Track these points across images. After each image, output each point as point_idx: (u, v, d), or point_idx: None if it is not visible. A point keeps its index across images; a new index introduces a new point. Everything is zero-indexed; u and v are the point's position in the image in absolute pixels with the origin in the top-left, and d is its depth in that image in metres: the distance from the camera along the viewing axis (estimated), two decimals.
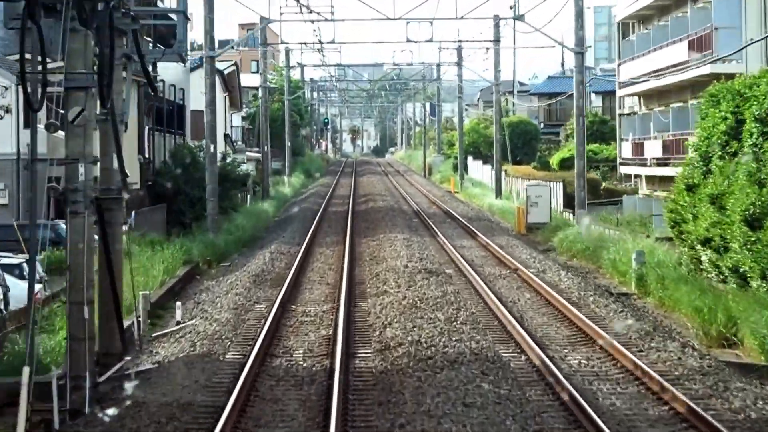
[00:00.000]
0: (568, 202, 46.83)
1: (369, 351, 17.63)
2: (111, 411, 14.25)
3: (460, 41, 63.98)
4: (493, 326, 19.88)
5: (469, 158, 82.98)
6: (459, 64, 76.94)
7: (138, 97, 38.60)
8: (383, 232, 37.50)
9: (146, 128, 40.81)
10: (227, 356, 17.60)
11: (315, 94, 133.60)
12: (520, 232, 41.99)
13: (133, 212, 35.20)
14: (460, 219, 44.67)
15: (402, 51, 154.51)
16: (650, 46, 43.80)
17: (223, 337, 19.06)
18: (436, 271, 26.93)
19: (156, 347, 19.65)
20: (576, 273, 28.05)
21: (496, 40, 57.22)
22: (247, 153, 74.60)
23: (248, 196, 55.01)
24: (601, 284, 27.03)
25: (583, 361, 16.79)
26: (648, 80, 40.25)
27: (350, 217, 44.50)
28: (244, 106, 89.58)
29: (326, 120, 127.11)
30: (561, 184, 50.26)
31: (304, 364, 16.89)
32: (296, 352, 17.91)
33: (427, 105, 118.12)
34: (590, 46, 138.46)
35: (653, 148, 43.95)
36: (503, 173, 69.66)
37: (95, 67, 15.52)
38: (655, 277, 25.21)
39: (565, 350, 17.75)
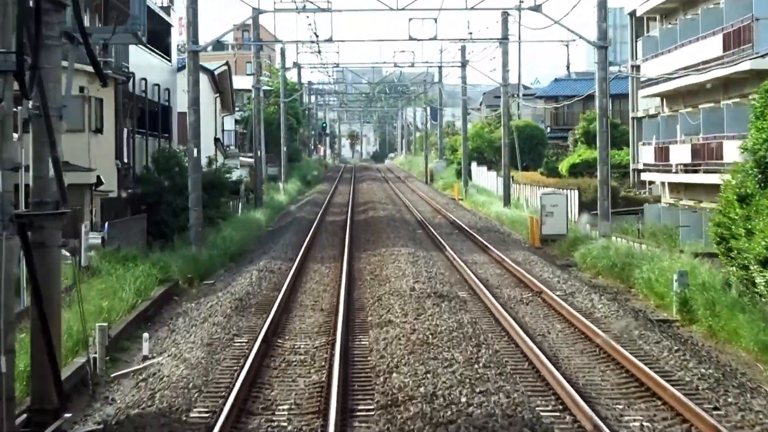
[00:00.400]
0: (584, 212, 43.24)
1: (371, 407, 13.97)
2: None
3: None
4: (524, 371, 16.22)
5: (473, 164, 79.52)
6: (463, 64, 73.45)
7: (116, 97, 34.97)
8: (385, 246, 33.87)
9: (125, 131, 37.16)
10: (191, 414, 13.92)
11: (313, 98, 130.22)
12: (534, 245, 38.44)
13: (107, 224, 31.60)
14: (468, 230, 41.05)
15: (402, 51, 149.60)
16: (677, 42, 40.19)
17: (191, 385, 15.39)
18: (447, 294, 23.27)
19: (113, 392, 16.09)
20: (608, 296, 24.37)
21: (504, 38, 53.68)
22: (241, 158, 71.01)
23: (240, 204, 51.42)
24: (636, 308, 23.42)
25: (646, 424, 13.11)
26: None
27: (349, 228, 40.87)
28: (237, 108, 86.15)
29: (324, 124, 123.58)
30: (576, 192, 46.73)
31: (289, 427, 13.23)
32: (280, 407, 14.24)
33: (428, 109, 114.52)
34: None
35: (680, 153, 40.33)
36: (510, 180, 66.25)
37: None
38: (703, 302, 21.61)
39: (619, 406, 14.08)
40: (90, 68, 15.18)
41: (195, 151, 32.96)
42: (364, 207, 53.77)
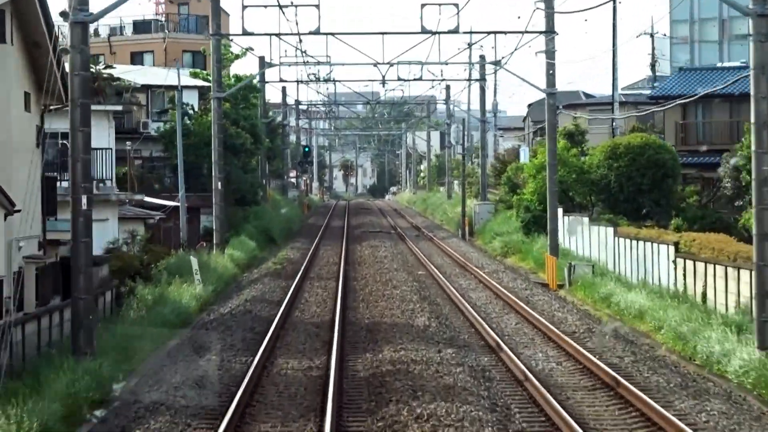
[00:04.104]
0: None
1: None
2: None
3: None
4: None
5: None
6: (549, 30, 39.30)
7: None
8: None
9: None
10: None
11: (295, 113, 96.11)
12: None
13: None
14: None
15: (393, 90, 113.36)
16: None
17: None
18: None
19: None
20: None
21: None
22: (132, 208, 36.79)
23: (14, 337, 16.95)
24: None
25: None
26: None
27: None
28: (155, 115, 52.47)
29: (307, 149, 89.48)
30: None
31: None
32: None
33: (453, 129, 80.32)
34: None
35: None
36: (635, 242, 33.46)
37: None
38: None
39: None
40: None
41: None
42: (378, 353, 18.93)
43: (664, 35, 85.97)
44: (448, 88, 78.78)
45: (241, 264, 40.13)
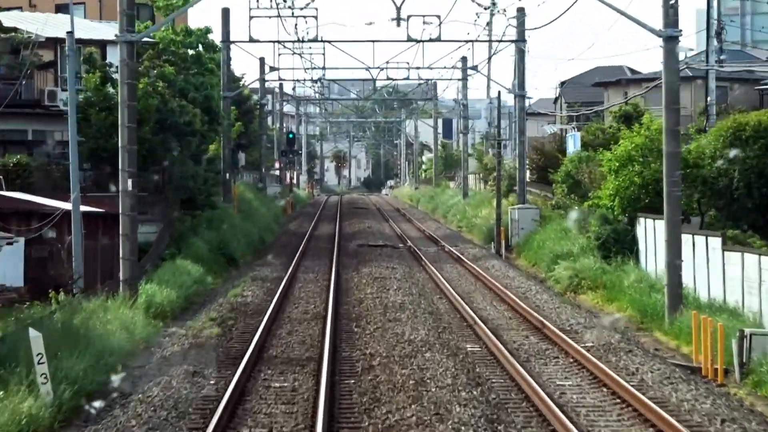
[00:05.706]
0: None
1: None
2: None
3: None
4: None
5: (644, 221, 31.08)
6: None
7: None
8: None
9: None
10: None
11: (285, 98, 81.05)
12: None
13: None
14: None
15: (396, 62, 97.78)
16: None
17: None
18: None
19: None
20: None
21: None
22: None
23: None
24: None
25: None
26: None
27: None
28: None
29: (291, 135, 74.06)
30: None
31: None
32: None
33: (485, 106, 64.73)
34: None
35: None
36: None
37: None
38: None
39: None
40: None
41: None
42: None
43: None
44: (464, 60, 63.17)
45: (167, 311, 24.75)
